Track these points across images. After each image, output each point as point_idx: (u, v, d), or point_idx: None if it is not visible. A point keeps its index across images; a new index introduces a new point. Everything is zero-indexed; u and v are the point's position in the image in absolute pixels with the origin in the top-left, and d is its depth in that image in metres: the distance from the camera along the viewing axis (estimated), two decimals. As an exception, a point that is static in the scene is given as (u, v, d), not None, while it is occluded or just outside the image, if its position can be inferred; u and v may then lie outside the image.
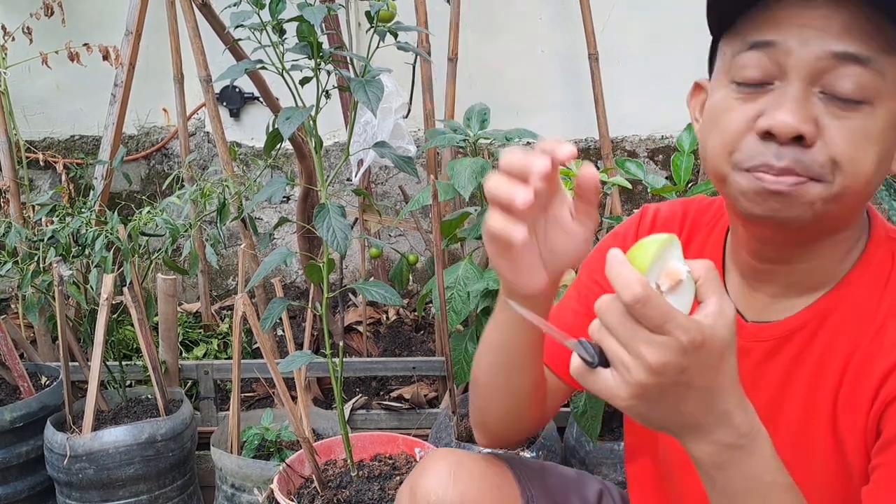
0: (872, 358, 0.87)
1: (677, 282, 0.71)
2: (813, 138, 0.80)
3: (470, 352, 2.06)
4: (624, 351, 0.71)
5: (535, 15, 3.20)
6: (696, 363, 0.70)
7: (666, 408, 0.73)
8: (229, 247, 3.41)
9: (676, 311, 0.69)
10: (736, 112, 0.84)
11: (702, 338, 0.69)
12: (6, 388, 2.30)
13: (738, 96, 0.85)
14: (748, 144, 0.83)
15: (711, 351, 0.70)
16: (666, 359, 0.69)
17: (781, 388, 0.94)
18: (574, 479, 1.21)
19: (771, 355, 0.94)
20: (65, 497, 2.10)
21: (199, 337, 2.88)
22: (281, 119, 1.58)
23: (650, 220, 1.10)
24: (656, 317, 0.68)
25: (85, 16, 3.20)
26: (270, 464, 1.94)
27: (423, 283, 3.32)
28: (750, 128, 0.83)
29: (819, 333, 0.92)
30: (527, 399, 1.09)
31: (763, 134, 0.82)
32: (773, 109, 0.81)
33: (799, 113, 0.80)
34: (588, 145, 3.27)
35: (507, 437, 1.17)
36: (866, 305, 0.90)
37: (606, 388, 0.73)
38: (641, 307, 0.68)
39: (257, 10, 1.56)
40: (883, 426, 0.84)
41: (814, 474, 0.91)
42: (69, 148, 3.44)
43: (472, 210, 2.16)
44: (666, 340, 0.69)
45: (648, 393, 0.71)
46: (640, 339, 0.69)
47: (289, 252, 1.72)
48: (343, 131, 3.17)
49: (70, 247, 2.16)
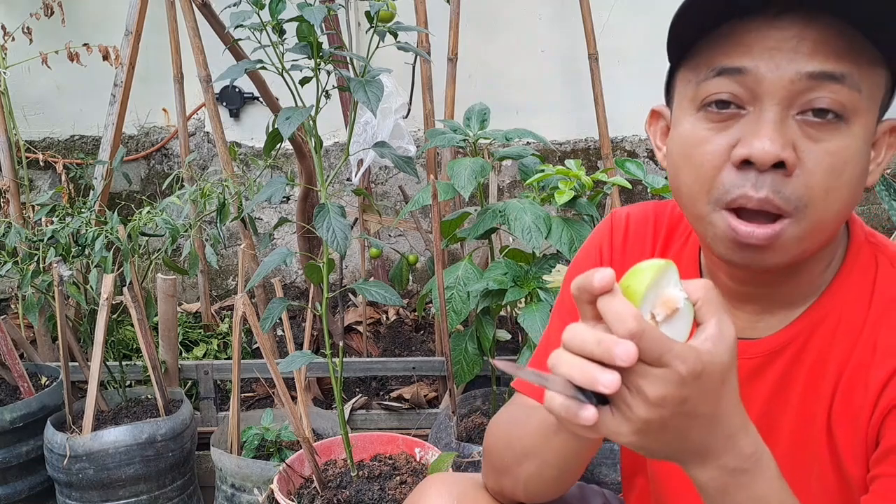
0: (866, 367, 0.85)
1: (674, 310, 0.68)
2: (793, 165, 0.77)
3: (470, 351, 2.07)
4: (622, 387, 0.67)
5: (535, 15, 3.20)
6: (696, 392, 0.67)
7: (670, 439, 0.70)
8: (229, 247, 3.41)
9: (673, 342, 0.66)
10: (709, 144, 0.80)
11: (701, 366, 0.66)
12: (6, 389, 2.30)
13: (708, 126, 0.81)
14: (726, 177, 0.79)
15: (712, 377, 0.67)
16: (665, 392, 0.66)
17: (773, 404, 0.92)
18: (576, 494, 1.18)
19: (759, 372, 0.92)
20: (65, 497, 2.10)
21: (198, 337, 2.88)
22: (281, 119, 1.58)
23: (623, 225, 1.06)
24: (653, 350, 0.65)
25: (85, 16, 3.21)
26: (270, 464, 1.94)
27: (423, 283, 3.32)
28: (726, 160, 0.79)
29: (808, 347, 0.89)
30: (575, 481, 1.04)
31: (740, 163, 0.78)
32: (751, 136, 0.77)
33: (778, 139, 0.76)
34: (588, 145, 3.27)
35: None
36: (854, 313, 0.87)
37: (607, 427, 0.69)
38: (637, 342, 0.64)
39: (257, 10, 1.56)
40: (882, 435, 0.83)
41: (812, 488, 0.89)
42: (69, 148, 3.44)
43: (472, 210, 2.16)
44: (664, 373, 0.66)
45: (651, 427, 0.68)
46: (637, 373, 0.66)
47: (289, 252, 1.72)
48: (343, 131, 3.17)
49: (70, 247, 2.16)
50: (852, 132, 0.78)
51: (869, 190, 0.85)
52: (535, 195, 2.04)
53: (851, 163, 0.78)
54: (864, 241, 0.91)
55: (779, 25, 0.77)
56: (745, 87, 0.78)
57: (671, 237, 1.03)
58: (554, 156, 3.25)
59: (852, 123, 0.78)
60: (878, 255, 0.90)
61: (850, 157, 0.78)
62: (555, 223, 1.90)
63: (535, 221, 1.87)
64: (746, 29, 0.78)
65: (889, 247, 0.91)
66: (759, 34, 0.77)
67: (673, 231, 1.03)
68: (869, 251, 0.90)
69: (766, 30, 0.77)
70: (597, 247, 1.08)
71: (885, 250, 0.90)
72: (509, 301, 1.91)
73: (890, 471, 0.81)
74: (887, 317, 0.86)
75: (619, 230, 1.06)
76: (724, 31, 0.79)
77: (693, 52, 0.82)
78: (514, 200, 1.96)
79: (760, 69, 0.77)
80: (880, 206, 3.22)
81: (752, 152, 0.76)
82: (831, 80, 0.76)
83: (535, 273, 1.94)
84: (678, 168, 0.84)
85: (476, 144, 2.10)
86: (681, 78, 0.85)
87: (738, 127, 0.79)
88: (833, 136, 0.77)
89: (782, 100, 0.77)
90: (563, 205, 1.93)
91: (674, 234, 1.03)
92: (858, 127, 0.78)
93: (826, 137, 0.77)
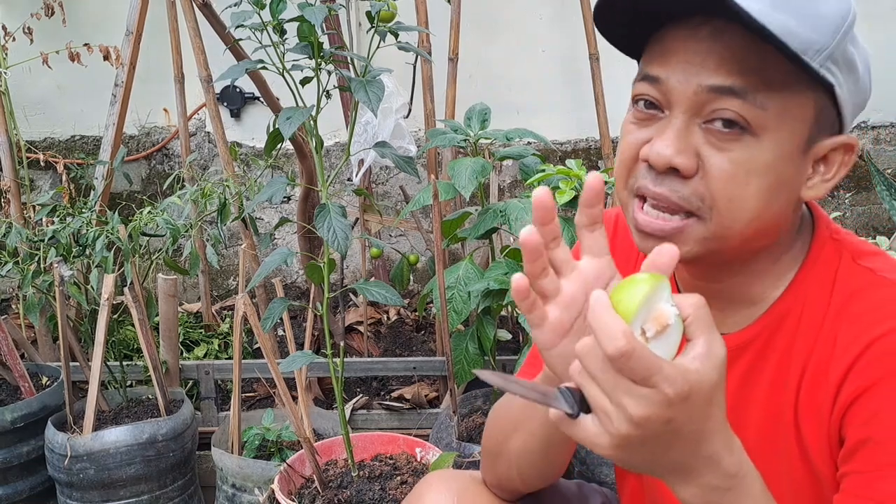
0: (827, 361, 0.86)
1: (664, 326, 0.67)
2: (689, 171, 0.81)
3: (471, 351, 2.07)
4: (606, 399, 0.67)
5: (535, 15, 3.20)
6: (682, 414, 0.67)
7: (650, 455, 0.70)
8: (230, 247, 3.42)
9: (662, 363, 0.65)
10: (632, 136, 0.86)
11: (688, 388, 0.66)
12: (7, 389, 2.30)
13: (634, 120, 0.87)
14: (638, 170, 0.85)
15: (699, 397, 0.67)
16: (649, 412, 0.66)
17: (741, 399, 0.93)
18: (576, 493, 1.19)
19: (727, 367, 0.93)
20: (66, 497, 2.10)
21: (199, 337, 2.88)
22: (281, 119, 1.58)
23: (612, 225, 1.09)
24: (641, 370, 0.65)
25: (85, 16, 3.21)
26: (271, 464, 1.94)
27: (423, 283, 3.32)
28: (639, 155, 0.85)
29: (773, 342, 0.91)
30: (564, 461, 1.05)
31: (647, 163, 0.84)
32: (656, 139, 0.83)
33: (676, 144, 0.81)
34: (588, 145, 3.27)
35: (533, 489, 1.11)
36: (816, 308, 0.88)
37: (587, 435, 0.70)
38: (626, 361, 0.64)
39: (258, 10, 1.56)
40: (845, 433, 0.83)
41: (783, 484, 0.89)
42: (70, 148, 3.45)
43: (473, 210, 2.16)
44: (650, 393, 0.65)
45: (631, 443, 0.68)
46: (623, 389, 0.66)
47: (289, 252, 1.72)
48: (343, 131, 3.17)
49: (71, 247, 2.16)
50: (761, 145, 0.80)
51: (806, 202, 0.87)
52: (536, 195, 2.04)
53: (758, 174, 0.81)
54: (828, 237, 0.92)
55: (697, 37, 0.81)
56: (661, 93, 0.83)
57: None
58: (555, 156, 3.25)
59: (761, 138, 0.80)
60: (840, 251, 0.91)
61: (755, 169, 0.80)
62: (555, 223, 1.90)
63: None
64: (673, 39, 0.83)
65: (852, 242, 0.92)
66: (682, 44, 0.82)
67: None
68: (832, 247, 0.91)
69: (684, 41, 0.81)
70: None
71: (848, 245, 0.91)
72: (510, 301, 1.91)
73: (858, 468, 0.81)
74: (846, 310, 0.86)
75: (608, 229, 1.08)
76: (658, 37, 0.84)
77: (644, 51, 0.88)
78: (514, 200, 1.96)
79: (671, 80, 0.82)
80: (880, 206, 3.22)
81: (650, 154, 0.82)
82: (731, 95, 0.79)
83: (535, 273, 1.94)
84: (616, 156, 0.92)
85: (477, 144, 2.10)
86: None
87: (654, 126, 0.84)
88: (737, 147, 0.80)
89: (688, 109, 0.81)
90: (564, 205, 1.93)
91: None
92: (769, 141, 0.80)
93: (730, 147, 0.80)
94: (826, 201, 3.26)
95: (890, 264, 0.89)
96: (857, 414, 0.82)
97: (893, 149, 3.22)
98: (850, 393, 0.83)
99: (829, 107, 0.83)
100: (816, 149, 0.84)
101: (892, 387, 0.80)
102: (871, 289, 0.86)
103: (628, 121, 0.88)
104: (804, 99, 0.81)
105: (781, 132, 0.80)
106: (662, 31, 0.84)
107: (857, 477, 0.81)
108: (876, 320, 0.83)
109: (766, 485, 0.78)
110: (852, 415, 0.83)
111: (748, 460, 0.76)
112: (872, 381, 0.81)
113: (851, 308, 0.86)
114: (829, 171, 0.86)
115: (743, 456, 0.75)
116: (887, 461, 0.79)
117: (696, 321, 0.69)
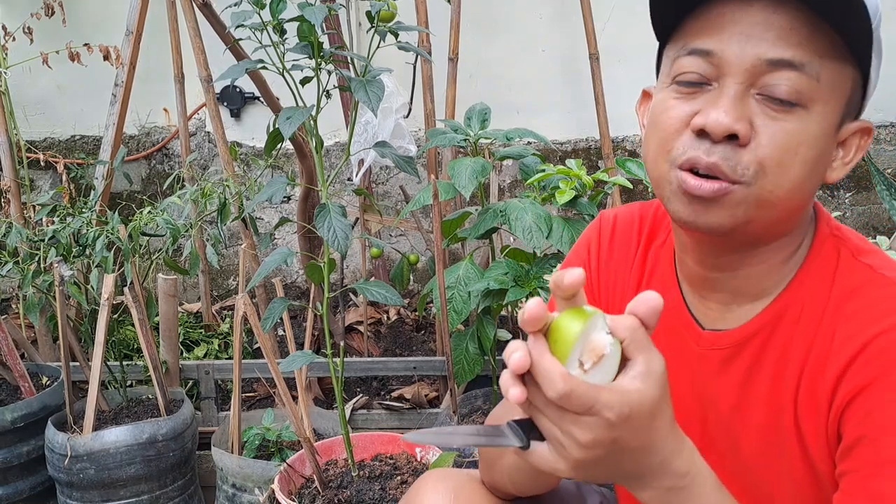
0: (825, 359, 0.86)
1: (600, 357, 0.71)
2: (746, 137, 0.81)
3: (471, 351, 2.07)
4: (556, 430, 0.73)
5: (535, 15, 3.20)
6: (626, 433, 0.72)
7: (605, 470, 0.75)
8: (230, 247, 3.42)
9: (600, 393, 0.70)
10: (674, 110, 0.86)
11: (628, 409, 0.70)
12: (7, 389, 2.30)
13: (676, 96, 0.86)
14: (683, 140, 0.84)
15: (640, 415, 0.71)
16: (595, 436, 0.71)
17: (743, 394, 0.94)
18: (574, 492, 1.19)
19: (728, 363, 0.94)
20: (66, 497, 2.10)
21: (199, 337, 2.88)
22: (281, 119, 1.58)
23: (610, 227, 1.10)
24: (580, 405, 0.70)
25: (85, 16, 3.21)
26: (271, 464, 1.94)
27: (423, 282, 3.32)
28: (686, 124, 0.84)
29: (773, 338, 0.91)
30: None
31: (698, 131, 0.83)
32: (709, 108, 0.82)
33: (733, 112, 0.81)
34: (589, 145, 3.27)
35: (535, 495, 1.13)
36: (815, 304, 0.89)
37: (546, 461, 0.75)
38: (566, 400, 0.69)
39: (258, 10, 1.56)
40: (843, 430, 0.84)
41: (784, 478, 0.91)
42: (70, 148, 3.45)
43: (473, 210, 2.16)
44: (593, 420, 0.70)
45: (586, 464, 0.73)
46: (569, 421, 0.71)
47: (289, 252, 1.72)
48: (343, 131, 3.17)
49: (71, 247, 2.16)
50: (810, 118, 0.82)
51: (830, 184, 0.88)
52: (536, 195, 2.04)
53: (806, 145, 0.82)
54: (829, 234, 0.93)
55: (750, 11, 0.81)
56: (712, 65, 0.83)
57: (653, 235, 1.06)
58: (555, 155, 3.25)
59: (811, 110, 0.82)
60: (840, 247, 0.91)
61: (805, 140, 0.82)
62: (556, 223, 1.90)
63: (535, 221, 1.87)
64: (721, 12, 0.83)
65: (852, 239, 0.93)
66: (733, 18, 0.82)
67: (655, 230, 1.06)
68: (832, 243, 0.92)
69: (739, 14, 0.82)
70: (585, 248, 1.12)
71: (848, 242, 0.92)
72: (510, 301, 1.91)
73: (855, 466, 0.81)
74: (844, 307, 0.87)
75: (606, 231, 1.10)
76: (703, 13, 0.84)
77: (676, 33, 0.88)
78: (514, 200, 1.96)
79: (726, 52, 0.82)
80: (880, 206, 3.22)
81: (707, 122, 0.82)
82: (789, 68, 0.80)
83: (535, 273, 1.94)
84: (647, 134, 0.91)
85: (477, 144, 2.10)
86: (665, 56, 0.90)
87: (702, 99, 0.84)
88: (790, 118, 0.82)
89: (743, 79, 0.82)
90: (564, 204, 1.93)
91: (656, 232, 1.06)
92: (817, 114, 0.82)
93: (783, 118, 0.82)
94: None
95: (888, 262, 0.89)
96: (854, 412, 0.83)
97: (893, 148, 3.22)
98: (848, 391, 0.83)
99: (859, 88, 0.85)
100: (843, 131, 0.86)
101: (887, 385, 0.81)
102: (869, 286, 0.87)
103: (667, 97, 0.87)
104: (846, 77, 0.83)
105: (828, 105, 0.83)
106: (708, 5, 0.84)
107: (853, 475, 0.81)
108: (873, 318, 0.84)
109: (767, 479, 0.80)
110: (850, 413, 0.83)
111: (700, 459, 0.80)
112: (869, 380, 0.82)
113: (850, 305, 0.87)
114: (847, 154, 0.88)
115: (694, 455, 0.79)
116: (883, 459, 0.79)
117: (632, 342, 0.72)
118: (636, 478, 0.77)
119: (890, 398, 0.80)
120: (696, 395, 0.96)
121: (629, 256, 1.05)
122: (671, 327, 0.97)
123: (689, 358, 0.97)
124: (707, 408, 0.96)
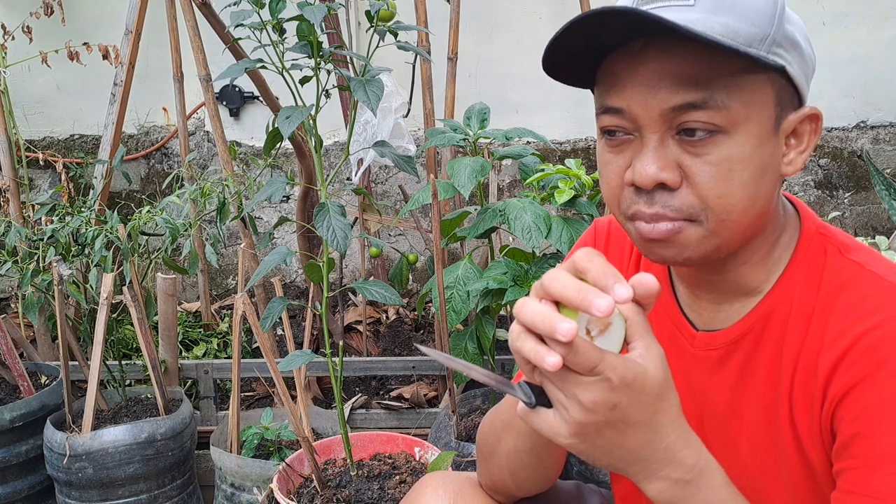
0: (816, 356, 0.87)
1: (607, 325, 0.75)
2: (676, 183, 0.83)
3: (470, 351, 2.07)
4: (560, 393, 0.75)
5: (535, 14, 3.20)
6: (626, 399, 0.74)
7: (606, 444, 0.77)
8: (229, 246, 3.42)
9: (605, 353, 0.73)
10: (611, 165, 0.88)
11: (631, 375, 0.73)
12: (6, 388, 2.30)
13: (609, 150, 0.88)
14: (626, 196, 0.87)
15: (644, 388, 0.74)
16: (596, 396, 0.73)
17: (738, 394, 0.94)
18: (574, 493, 1.19)
19: (722, 362, 0.95)
20: (64, 496, 2.10)
21: (198, 336, 2.88)
22: (281, 118, 1.58)
23: (604, 233, 1.12)
24: (585, 362, 0.72)
25: (85, 15, 3.21)
26: (270, 463, 1.94)
27: (422, 282, 3.32)
28: (623, 179, 0.87)
29: (764, 336, 0.92)
30: (556, 465, 1.07)
31: (634, 186, 0.86)
32: (636, 162, 0.84)
33: (656, 162, 0.83)
34: (588, 144, 3.27)
35: (527, 494, 1.13)
36: (804, 302, 0.90)
37: (549, 426, 0.77)
38: (572, 357, 0.72)
39: (257, 10, 1.56)
40: (836, 427, 0.84)
41: (782, 476, 0.91)
42: (69, 147, 3.44)
43: (472, 209, 2.16)
44: (595, 380, 0.73)
45: (587, 430, 0.75)
46: (572, 381, 0.74)
47: (289, 251, 1.72)
48: (343, 130, 3.17)
49: (70, 246, 2.16)
50: (734, 140, 0.82)
51: (788, 176, 0.89)
52: (535, 194, 2.04)
53: (740, 165, 0.83)
54: (816, 232, 0.94)
55: (643, 60, 0.82)
56: (627, 121, 0.85)
57: None
58: (554, 155, 3.25)
59: (732, 134, 0.82)
60: (826, 245, 0.92)
61: (736, 162, 0.83)
62: (555, 222, 1.90)
63: (534, 221, 1.87)
64: (616, 70, 0.84)
65: (838, 236, 0.93)
66: (628, 73, 0.83)
67: None
68: (819, 241, 0.93)
69: (633, 68, 0.83)
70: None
71: (834, 240, 0.93)
72: (509, 300, 1.91)
73: (852, 464, 0.82)
74: (833, 303, 0.87)
75: (601, 238, 1.12)
76: (605, 68, 0.86)
77: (595, 82, 0.89)
78: (514, 200, 1.96)
79: (633, 108, 0.84)
80: (880, 206, 3.22)
81: (635, 178, 0.84)
82: (694, 109, 0.81)
83: (534, 272, 1.94)
84: (600, 181, 0.93)
85: (476, 144, 2.10)
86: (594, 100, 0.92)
87: (629, 150, 0.86)
88: (714, 149, 0.82)
89: (658, 128, 0.83)
90: (563, 204, 1.93)
91: None
92: (740, 135, 0.82)
93: (707, 151, 0.82)
94: (826, 201, 3.26)
95: (876, 258, 0.90)
96: (846, 410, 0.83)
97: (893, 148, 3.22)
98: (839, 388, 0.84)
99: (785, 85, 0.85)
100: (785, 125, 0.86)
101: (878, 382, 0.81)
102: (857, 283, 0.87)
103: (603, 150, 0.89)
104: (761, 86, 0.83)
105: (750, 122, 0.83)
106: (607, 61, 0.85)
107: (850, 473, 0.82)
108: (862, 315, 0.84)
109: (765, 477, 0.81)
110: (842, 410, 0.83)
111: (707, 454, 0.81)
112: (860, 376, 0.82)
113: (838, 302, 0.87)
114: (800, 142, 0.89)
115: (702, 450, 0.81)
116: (878, 455, 0.79)
117: (633, 325, 0.76)
118: (640, 462, 0.78)
119: (882, 394, 0.80)
120: (692, 396, 0.97)
121: (623, 262, 1.06)
122: (667, 330, 0.98)
123: (684, 360, 0.97)
124: (703, 408, 0.97)
